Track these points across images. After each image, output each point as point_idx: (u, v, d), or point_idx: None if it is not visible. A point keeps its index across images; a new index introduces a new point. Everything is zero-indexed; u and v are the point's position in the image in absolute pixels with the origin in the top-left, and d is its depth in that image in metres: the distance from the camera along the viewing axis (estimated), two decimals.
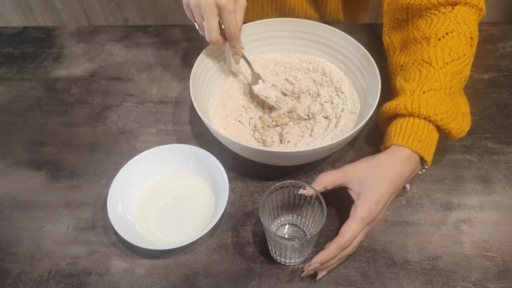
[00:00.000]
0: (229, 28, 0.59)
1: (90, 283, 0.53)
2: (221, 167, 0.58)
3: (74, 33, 0.88)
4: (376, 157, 0.53)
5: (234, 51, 0.64)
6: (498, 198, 0.59)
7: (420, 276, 0.52)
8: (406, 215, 0.58)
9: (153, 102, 0.74)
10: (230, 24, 0.59)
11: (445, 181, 0.61)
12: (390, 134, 0.55)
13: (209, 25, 0.58)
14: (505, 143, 0.65)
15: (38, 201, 0.62)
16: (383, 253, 0.54)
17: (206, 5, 0.56)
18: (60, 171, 0.65)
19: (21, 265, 0.55)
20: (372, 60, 0.62)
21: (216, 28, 0.59)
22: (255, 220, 0.58)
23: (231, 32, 0.60)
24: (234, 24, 0.59)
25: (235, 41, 0.62)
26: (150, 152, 0.61)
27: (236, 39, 0.61)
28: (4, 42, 0.87)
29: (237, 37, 0.61)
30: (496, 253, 0.54)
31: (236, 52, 0.64)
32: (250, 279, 0.53)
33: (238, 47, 0.63)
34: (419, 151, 0.52)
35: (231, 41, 0.62)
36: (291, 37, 0.72)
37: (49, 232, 0.58)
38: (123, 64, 0.81)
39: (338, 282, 0.52)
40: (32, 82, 0.79)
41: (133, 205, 0.59)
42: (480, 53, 0.79)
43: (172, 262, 0.55)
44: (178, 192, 0.61)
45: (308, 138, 0.63)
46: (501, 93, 0.73)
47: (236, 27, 0.59)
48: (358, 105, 0.65)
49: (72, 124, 0.72)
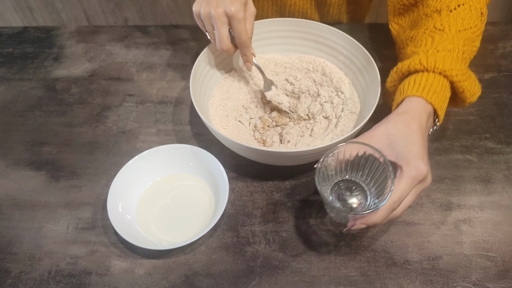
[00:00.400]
0: (240, 37, 0.59)
1: (90, 283, 0.53)
2: (221, 167, 0.58)
3: (74, 33, 0.88)
4: (391, 115, 0.51)
5: (246, 59, 0.64)
6: (498, 198, 0.59)
7: (420, 276, 0.52)
8: (406, 215, 0.58)
9: (153, 102, 0.74)
10: (240, 32, 0.59)
11: (445, 181, 0.61)
12: (403, 88, 0.53)
13: (220, 34, 0.59)
14: (505, 143, 0.66)
15: (38, 201, 0.62)
16: (383, 253, 0.55)
17: (216, 15, 0.57)
18: (60, 171, 0.65)
19: (21, 265, 0.55)
20: (372, 60, 0.62)
21: (227, 37, 0.59)
22: (255, 220, 0.58)
23: (241, 40, 0.60)
24: (244, 33, 0.59)
25: (246, 49, 0.62)
26: (150, 152, 0.61)
27: (247, 47, 0.61)
28: (4, 42, 0.87)
29: (248, 45, 0.61)
30: (496, 253, 0.54)
31: (248, 60, 0.64)
32: (250, 279, 0.53)
33: (249, 55, 0.63)
34: (433, 102, 0.50)
35: (242, 49, 0.62)
36: (291, 37, 0.72)
37: (49, 232, 0.58)
38: (123, 64, 0.81)
39: (338, 282, 0.52)
40: (32, 82, 0.79)
41: (133, 205, 0.59)
42: (480, 53, 0.79)
43: (172, 262, 0.55)
44: (178, 192, 0.61)
45: (308, 138, 0.63)
46: (501, 93, 0.73)
47: (246, 35, 0.60)
48: (358, 105, 0.65)
49: (72, 124, 0.72)
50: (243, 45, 0.61)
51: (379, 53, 0.80)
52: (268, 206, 0.59)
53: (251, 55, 0.64)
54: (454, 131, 0.67)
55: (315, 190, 0.61)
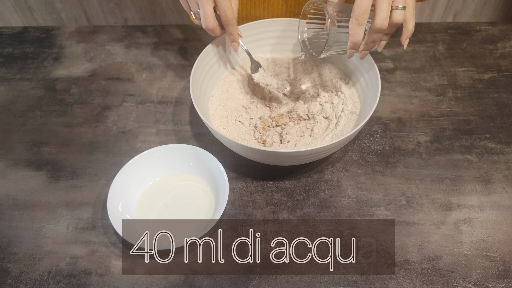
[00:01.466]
0: (225, 14, 0.59)
1: (90, 283, 0.53)
2: (221, 167, 0.58)
3: (74, 33, 0.88)
4: None
5: (232, 38, 0.63)
6: (498, 198, 0.59)
7: (420, 276, 0.52)
8: (406, 215, 0.58)
9: (153, 102, 0.74)
10: (225, 9, 0.59)
11: (445, 181, 0.61)
12: None
13: (205, 12, 0.59)
14: (505, 143, 0.66)
15: (38, 201, 0.62)
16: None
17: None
18: (60, 171, 0.65)
19: (21, 265, 0.55)
20: (372, 60, 0.62)
21: (212, 15, 0.59)
22: (255, 220, 0.58)
23: (227, 17, 0.60)
24: (229, 10, 0.59)
25: (232, 27, 0.61)
26: (150, 152, 0.61)
27: (233, 25, 0.61)
28: (4, 42, 0.87)
29: (233, 23, 0.61)
30: (496, 253, 0.54)
31: (234, 39, 0.64)
32: (250, 279, 0.53)
33: (235, 34, 0.63)
34: None
35: (227, 28, 0.62)
36: (291, 37, 0.72)
37: (49, 232, 0.58)
38: (123, 64, 0.81)
39: (338, 282, 0.52)
40: (32, 82, 0.79)
41: (133, 205, 0.59)
42: (480, 53, 0.79)
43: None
44: (178, 192, 0.61)
45: (308, 138, 0.63)
46: (501, 93, 0.73)
47: (231, 12, 0.59)
48: (358, 105, 0.65)
49: (72, 124, 0.72)
50: (228, 23, 0.61)
51: (379, 53, 0.80)
52: (268, 206, 0.59)
53: (237, 34, 0.63)
54: (454, 131, 0.67)
55: (315, 190, 0.61)
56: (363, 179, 0.62)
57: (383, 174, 0.62)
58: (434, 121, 0.69)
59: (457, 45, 0.81)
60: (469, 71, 0.77)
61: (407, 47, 0.81)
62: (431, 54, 0.80)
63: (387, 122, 0.69)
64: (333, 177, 0.62)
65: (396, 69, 0.77)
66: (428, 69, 0.77)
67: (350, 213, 0.58)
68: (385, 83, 0.75)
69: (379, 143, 0.66)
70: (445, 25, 0.86)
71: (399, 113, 0.70)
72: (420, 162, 0.64)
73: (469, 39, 0.83)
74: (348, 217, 0.58)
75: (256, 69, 0.68)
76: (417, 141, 0.66)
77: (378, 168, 0.63)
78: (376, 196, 0.60)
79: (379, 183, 0.61)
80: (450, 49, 0.81)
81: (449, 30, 0.85)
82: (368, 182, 0.62)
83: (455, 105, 0.71)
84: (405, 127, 0.68)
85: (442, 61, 0.79)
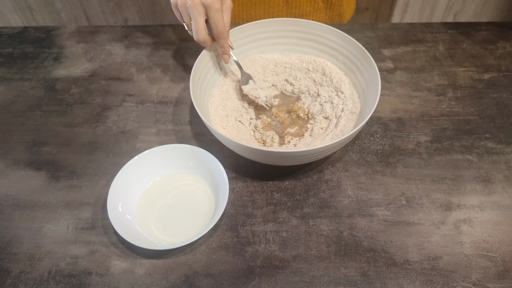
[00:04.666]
0: (216, 27, 0.60)
1: (90, 283, 0.53)
2: (221, 167, 0.58)
3: (74, 33, 0.88)
4: None
5: (223, 50, 0.65)
6: (498, 198, 0.59)
7: (420, 276, 0.52)
8: (406, 215, 0.58)
9: (153, 102, 0.74)
10: (217, 23, 0.60)
11: (445, 181, 0.61)
12: None
13: (196, 25, 0.60)
14: (505, 143, 0.66)
15: (38, 201, 0.62)
16: (383, 253, 0.55)
17: (192, 5, 0.58)
18: (60, 171, 0.65)
19: (21, 265, 0.55)
20: (372, 60, 0.62)
21: (203, 27, 0.61)
22: (255, 220, 0.58)
23: (218, 31, 0.61)
24: (221, 23, 0.60)
25: (223, 41, 0.63)
26: (150, 152, 0.61)
27: (224, 38, 0.62)
28: (4, 42, 0.87)
29: (225, 36, 0.62)
30: (496, 253, 0.54)
31: (225, 51, 0.65)
32: (250, 279, 0.53)
33: (226, 47, 0.64)
34: None
35: (219, 40, 0.63)
36: (291, 37, 0.72)
37: (49, 232, 0.58)
38: (123, 64, 0.81)
39: (338, 282, 0.52)
40: (32, 82, 0.79)
41: (133, 205, 0.59)
42: (480, 53, 0.79)
43: (172, 262, 0.55)
44: (178, 192, 0.61)
45: (308, 138, 0.63)
46: (501, 93, 0.73)
47: (223, 26, 0.61)
48: (358, 105, 0.65)
49: (72, 124, 0.72)
50: (220, 36, 0.62)
51: (379, 53, 0.80)
52: (268, 206, 0.59)
53: (228, 47, 0.64)
54: (454, 131, 0.67)
55: (315, 190, 0.61)
56: (363, 179, 0.62)
57: (383, 174, 0.62)
58: (434, 121, 0.69)
59: (457, 45, 0.82)
60: (469, 71, 0.77)
61: (407, 47, 0.82)
62: (431, 54, 0.80)
63: (387, 122, 0.69)
64: (333, 177, 0.62)
65: (396, 69, 0.77)
66: (428, 69, 0.77)
67: (350, 213, 0.58)
68: (385, 83, 0.75)
69: (379, 143, 0.66)
70: (445, 25, 0.86)
71: (399, 113, 0.70)
72: (420, 162, 0.64)
73: (469, 39, 0.83)
74: (348, 217, 0.58)
75: (247, 81, 0.68)
76: (417, 141, 0.66)
77: (378, 168, 0.63)
78: (376, 196, 0.60)
79: (379, 183, 0.61)
80: (450, 49, 0.81)
81: (449, 30, 0.85)
82: (368, 182, 0.62)
83: (455, 105, 0.71)
84: (405, 127, 0.68)
85: (442, 61, 0.79)
